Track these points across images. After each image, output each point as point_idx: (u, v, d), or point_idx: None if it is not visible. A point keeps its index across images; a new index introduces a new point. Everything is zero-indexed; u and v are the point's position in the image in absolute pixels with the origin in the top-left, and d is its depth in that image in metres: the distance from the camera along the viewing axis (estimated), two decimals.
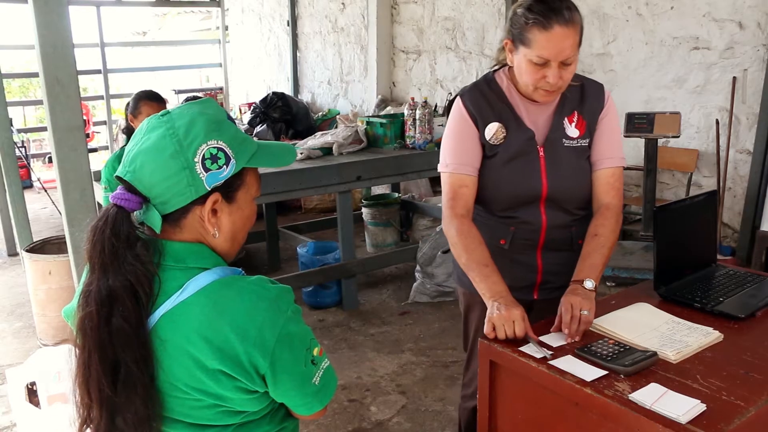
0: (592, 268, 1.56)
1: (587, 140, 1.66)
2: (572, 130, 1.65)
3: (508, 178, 1.66)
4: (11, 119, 5.28)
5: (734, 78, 4.07)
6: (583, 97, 1.67)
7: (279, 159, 1.10)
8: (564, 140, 1.65)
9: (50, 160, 7.94)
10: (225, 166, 1.00)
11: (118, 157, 2.83)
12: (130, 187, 0.99)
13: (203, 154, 0.98)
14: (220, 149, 1.00)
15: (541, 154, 1.64)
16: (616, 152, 1.69)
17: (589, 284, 1.52)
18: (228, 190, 1.02)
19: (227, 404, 1.00)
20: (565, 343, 1.40)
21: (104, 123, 8.90)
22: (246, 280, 1.02)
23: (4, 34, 10.06)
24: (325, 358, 1.08)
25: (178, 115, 1.01)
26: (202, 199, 1.00)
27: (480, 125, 1.65)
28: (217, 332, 0.95)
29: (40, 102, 9.22)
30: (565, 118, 1.65)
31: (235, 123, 1.07)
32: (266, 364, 0.98)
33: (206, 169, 0.99)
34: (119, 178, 1.01)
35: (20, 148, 6.72)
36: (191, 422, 1.01)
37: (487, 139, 1.65)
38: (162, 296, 0.98)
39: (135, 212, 1.00)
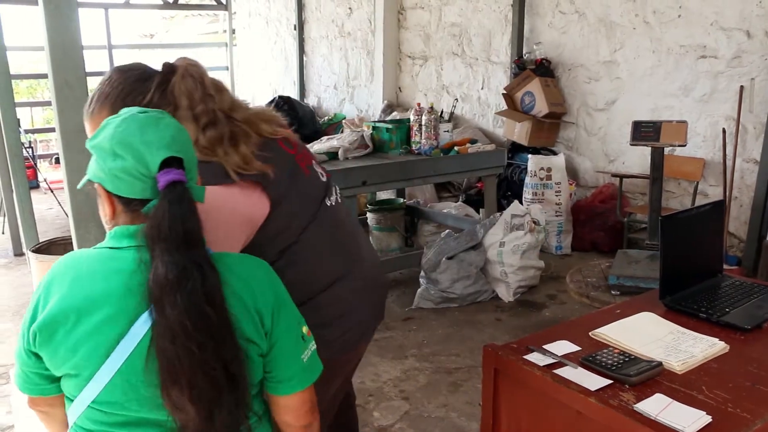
0: None
1: None
2: None
3: None
4: (19, 120, 5.30)
5: (741, 87, 4.06)
6: None
7: None
8: None
9: (57, 161, 7.97)
10: None
11: None
12: (181, 164, 1.01)
13: None
14: None
15: None
16: None
17: None
18: None
19: None
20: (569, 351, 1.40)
21: None
22: (234, 254, 1.12)
23: (13, 36, 10.12)
24: (312, 340, 1.12)
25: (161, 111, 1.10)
26: None
27: None
28: (236, 297, 1.01)
29: (47, 103, 9.29)
30: None
31: None
32: (269, 319, 1.04)
33: None
34: (172, 159, 1.00)
35: (27, 149, 6.74)
36: None
37: None
38: None
39: None
